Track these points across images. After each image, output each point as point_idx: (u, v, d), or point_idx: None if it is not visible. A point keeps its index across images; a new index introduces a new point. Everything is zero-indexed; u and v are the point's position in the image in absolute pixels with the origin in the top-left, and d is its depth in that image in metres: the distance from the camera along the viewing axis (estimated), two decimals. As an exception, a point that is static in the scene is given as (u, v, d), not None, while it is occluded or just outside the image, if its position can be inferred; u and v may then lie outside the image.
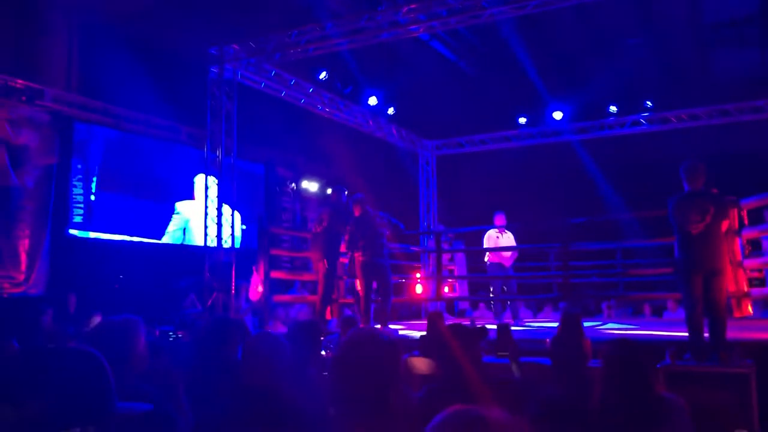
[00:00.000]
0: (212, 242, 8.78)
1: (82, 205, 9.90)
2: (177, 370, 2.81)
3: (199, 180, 10.35)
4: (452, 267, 11.68)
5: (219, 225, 8.76)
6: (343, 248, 7.96)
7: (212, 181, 8.98)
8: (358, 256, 7.63)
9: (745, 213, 8.10)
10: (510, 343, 5.10)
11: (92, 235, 10.02)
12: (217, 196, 8.87)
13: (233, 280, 8.41)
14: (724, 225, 5.47)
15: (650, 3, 11.44)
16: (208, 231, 8.82)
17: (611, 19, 11.84)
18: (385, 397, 2.10)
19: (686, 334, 5.40)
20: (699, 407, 4.85)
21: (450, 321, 9.03)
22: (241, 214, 11.66)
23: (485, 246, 9.47)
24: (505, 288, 9.39)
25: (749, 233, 7.92)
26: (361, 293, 7.67)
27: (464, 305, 11.92)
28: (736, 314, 7.52)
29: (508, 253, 9.29)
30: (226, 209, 9.00)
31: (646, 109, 11.82)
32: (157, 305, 8.73)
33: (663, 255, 8.82)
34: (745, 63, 12.60)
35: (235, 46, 8.79)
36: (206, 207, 8.91)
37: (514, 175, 14.26)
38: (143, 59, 9.33)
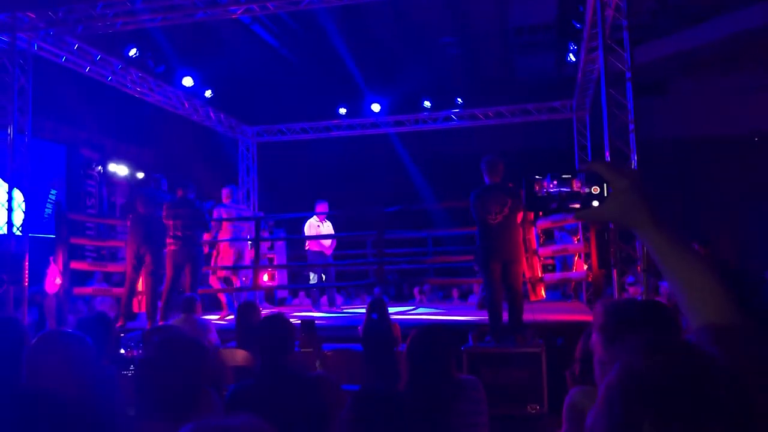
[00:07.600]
0: (1, 229, 7.90)
1: None
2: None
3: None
4: (272, 255, 11.55)
5: (9, 210, 7.89)
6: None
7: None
8: (170, 244, 7.29)
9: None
10: (314, 339, 5.16)
11: None
12: (8, 179, 7.98)
13: (26, 271, 7.63)
14: (520, 216, 5.94)
15: (463, 4, 12.07)
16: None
17: (427, 17, 12.36)
18: (191, 399, 2.08)
19: (487, 317, 5.82)
20: (498, 386, 5.27)
21: (268, 310, 8.95)
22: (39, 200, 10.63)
23: (306, 234, 9.49)
24: (324, 276, 9.48)
25: (543, 224, 8.68)
26: (167, 284, 7.32)
27: (284, 294, 11.86)
28: (532, 298, 8.21)
29: (328, 242, 9.39)
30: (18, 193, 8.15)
31: (457, 106, 12.49)
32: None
33: (470, 243, 9.41)
34: (544, 67, 13.80)
35: (31, 14, 7.95)
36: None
37: (335, 164, 14.45)
38: None
